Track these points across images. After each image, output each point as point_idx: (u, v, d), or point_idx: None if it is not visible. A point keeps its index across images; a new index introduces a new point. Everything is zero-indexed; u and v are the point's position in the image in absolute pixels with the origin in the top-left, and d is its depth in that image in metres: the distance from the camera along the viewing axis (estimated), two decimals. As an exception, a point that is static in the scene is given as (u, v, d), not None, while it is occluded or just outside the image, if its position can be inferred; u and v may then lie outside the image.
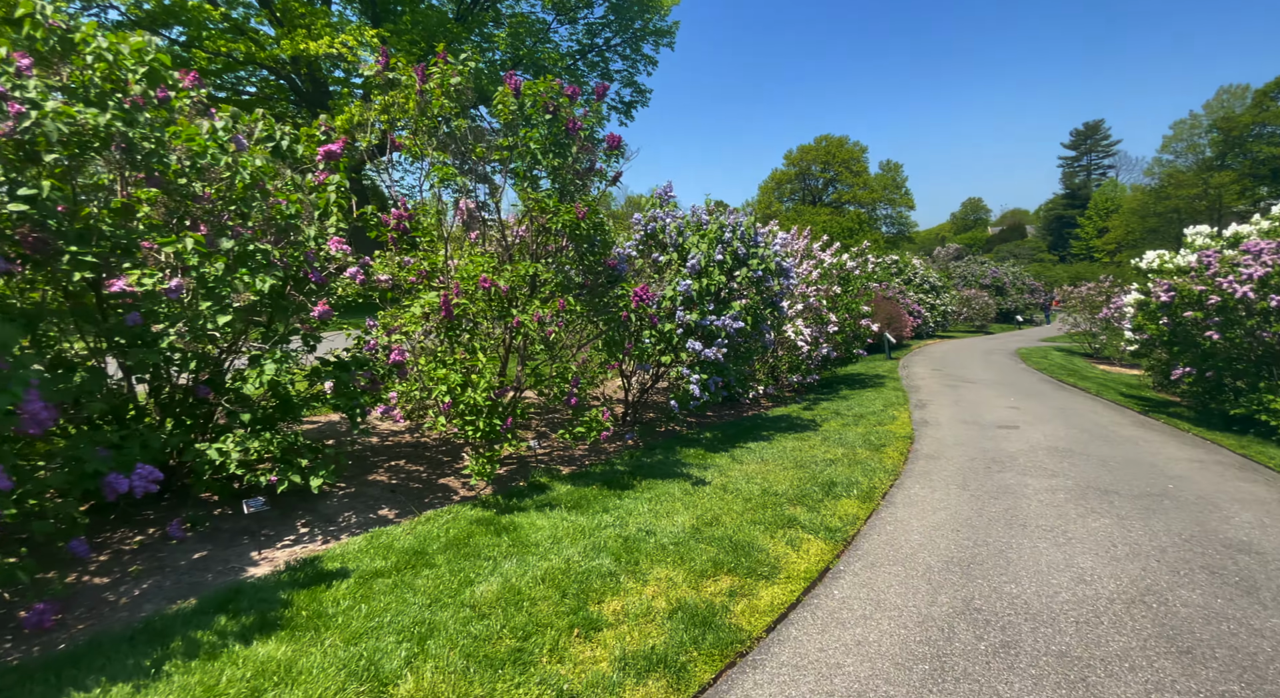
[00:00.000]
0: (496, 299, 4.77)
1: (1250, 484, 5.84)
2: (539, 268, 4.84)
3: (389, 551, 3.93)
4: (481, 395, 4.54)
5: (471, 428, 4.74)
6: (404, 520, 4.58)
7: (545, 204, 4.70)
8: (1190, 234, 10.56)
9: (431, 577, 3.57)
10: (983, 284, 42.03)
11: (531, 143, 4.68)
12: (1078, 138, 77.16)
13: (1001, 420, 8.98)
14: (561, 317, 4.70)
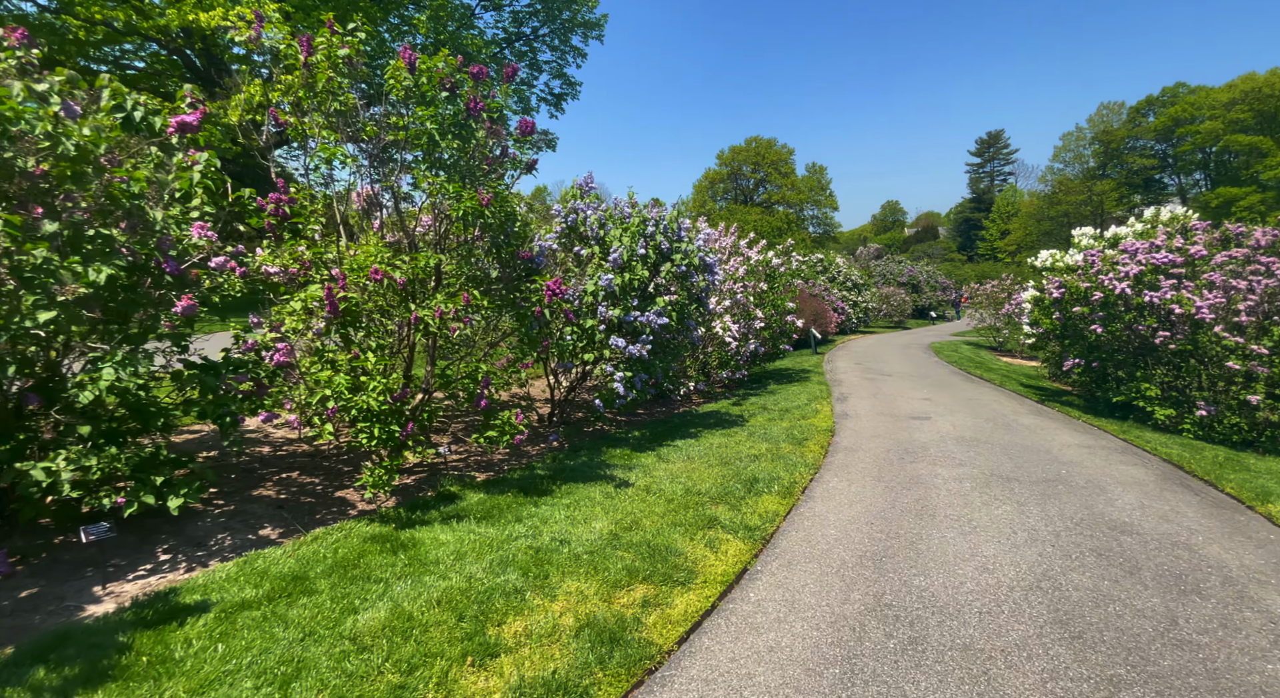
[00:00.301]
0: (394, 293, 4.37)
1: (1130, 467, 6.28)
2: (442, 259, 4.47)
3: (263, 577, 3.49)
4: (375, 399, 4.14)
5: (366, 436, 4.32)
6: (288, 541, 4.12)
7: (446, 190, 4.34)
8: (1077, 235, 11.42)
9: (309, 606, 3.18)
10: (900, 282, 44.37)
11: (428, 122, 4.30)
12: (982, 146, 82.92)
13: (915, 412, 9.35)
14: (468, 312, 4.36)
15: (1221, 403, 7.91)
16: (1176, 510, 4.91)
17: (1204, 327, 7.72)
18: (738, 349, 11.27)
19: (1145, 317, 8.33)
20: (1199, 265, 8.13)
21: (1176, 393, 8.39)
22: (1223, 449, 7.60)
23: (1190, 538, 4.33)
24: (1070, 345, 10.06)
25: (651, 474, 5.86)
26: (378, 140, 4.91)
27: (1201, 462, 6.54)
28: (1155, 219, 10.56)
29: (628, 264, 6.62)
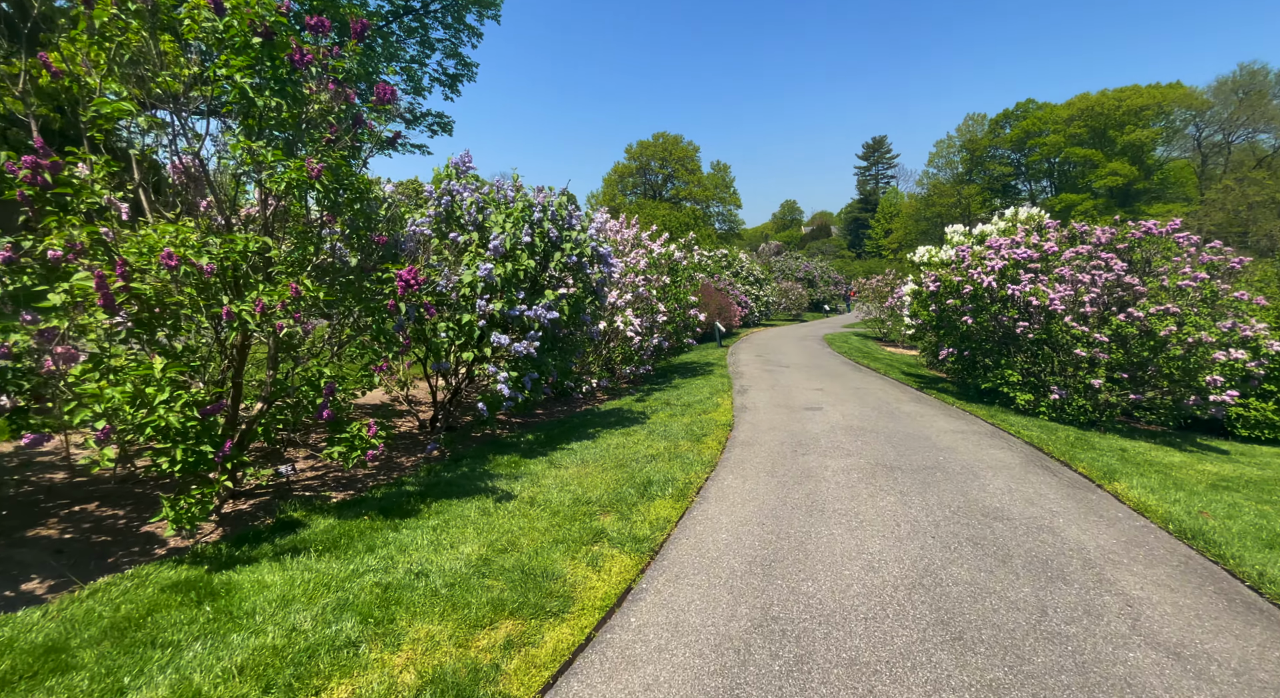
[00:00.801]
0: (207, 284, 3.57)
1: (999, 451, 6.63)
2: (269, 243, 3.70)
3: (4, 652, 2.66)
4: (176, 415, 3.34)
5: (166, 459, 3.50)
6: (59, 596, 3.24)
7: (263, 158, 3.58)
8: (950, 232, 12.19)
9: (60, 690, 2.42)
10: (797, 277, 46.52)
11: (237, 74, 3.51)
12: (868, 150, 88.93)
13: (810, 402, 9.51)
14: (299, 307, 3.64)
15: (1070, 387, 8.64)
16: (1040, 493, 5.15)
17: (1056, 317, 8.39)
18: (641, 344, 11.00)
19: (1008, 308, 8.95)
20: (1052, 261, 8.83)
21: (1034, 379, 9.09)
22: (1072, 430, 8.30)
23: (1053, 521, 4.51)
24: (944, 336, 10.68)
25: (539, 483, 5.38)
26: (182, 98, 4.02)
27: (1056, 443, 7.05)
28: (1014, 218, 11.47)
29: (511, 253, 6.06)
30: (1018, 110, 60.21)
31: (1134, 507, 4.82)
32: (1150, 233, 8.12)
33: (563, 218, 6.55)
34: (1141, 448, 7.54)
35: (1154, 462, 6.90)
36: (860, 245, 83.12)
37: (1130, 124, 49.96)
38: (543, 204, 6.36)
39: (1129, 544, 4.07)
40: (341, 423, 4.22)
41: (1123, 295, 8.05)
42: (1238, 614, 3.15)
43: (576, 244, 6.55)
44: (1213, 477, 6.55)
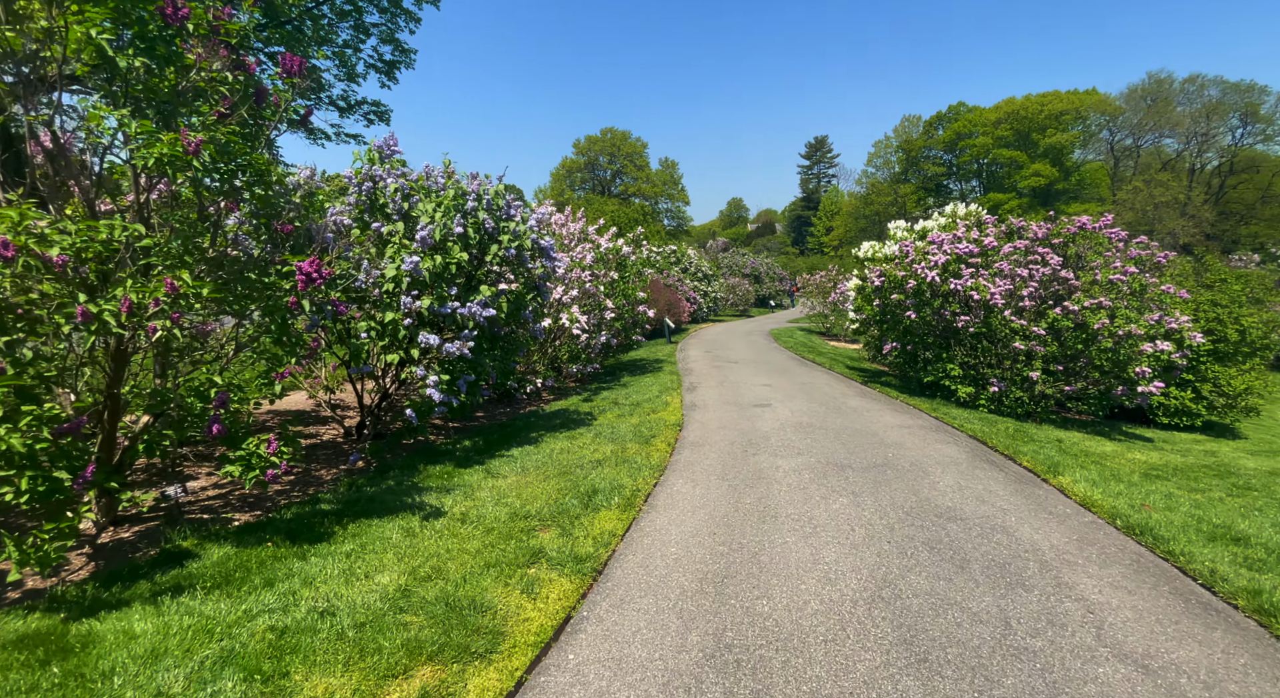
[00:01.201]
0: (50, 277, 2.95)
1: (945, 445, 6.62)
2: (139, 230, 3.11)
3: None
4: (16, 436, 2.74)
5: (9, 490, 2.88)
6: None
7: (126, 127, 2.99)
8: (892, 228, 12.35)
9: None
10: (744, 274, 47.05)
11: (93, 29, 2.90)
12: (810, 149, 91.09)
13: (758, 399, 9.37)
14: (177, 306, 3.07)
15: (1009, 380, 8.84)
16: (989, 490, 5.10)
17: (996, 311, 8.54)
18: (588, 342, 10.59)
19: (950, 302, 9.07)
20: (991, 256, 8.98)
21: (974, 372, 9.25)
22: (1011, 422, 8.47)
23: (1005, 519, 4.43)
24: (888, 330, 10.78)
25: (474, 496, 4.93)
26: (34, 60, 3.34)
27: (998, 436, 7.12)
28: (954, 214, 11.72)
29: (441, 245, 5.54)
30: (950, 112, 62.87)
31: (1080, 502, 4.82)
32: (1084, 228, 8.36)
33: (500, 208, 6.06)
34: (1076, 438, 7.75)
35: (1089, 452, 7.07)
36: (804, 242, 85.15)
37: (1051, 127, 53.00)
38: (477, 193, 5.86)
39: (1081, 543, 4.02)
40: (237, 438, 3.65)
41: (1058, 289, 8.26)
42: (1197, 617, 3.08)
43: (515, 236, 6.08)
44: (1143, 466, 6.75)
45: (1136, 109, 52.36)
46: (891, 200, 64.09)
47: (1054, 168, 53.67)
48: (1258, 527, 4.53)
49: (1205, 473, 6.75)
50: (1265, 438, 9.73)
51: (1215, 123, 49.70)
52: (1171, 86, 50.55)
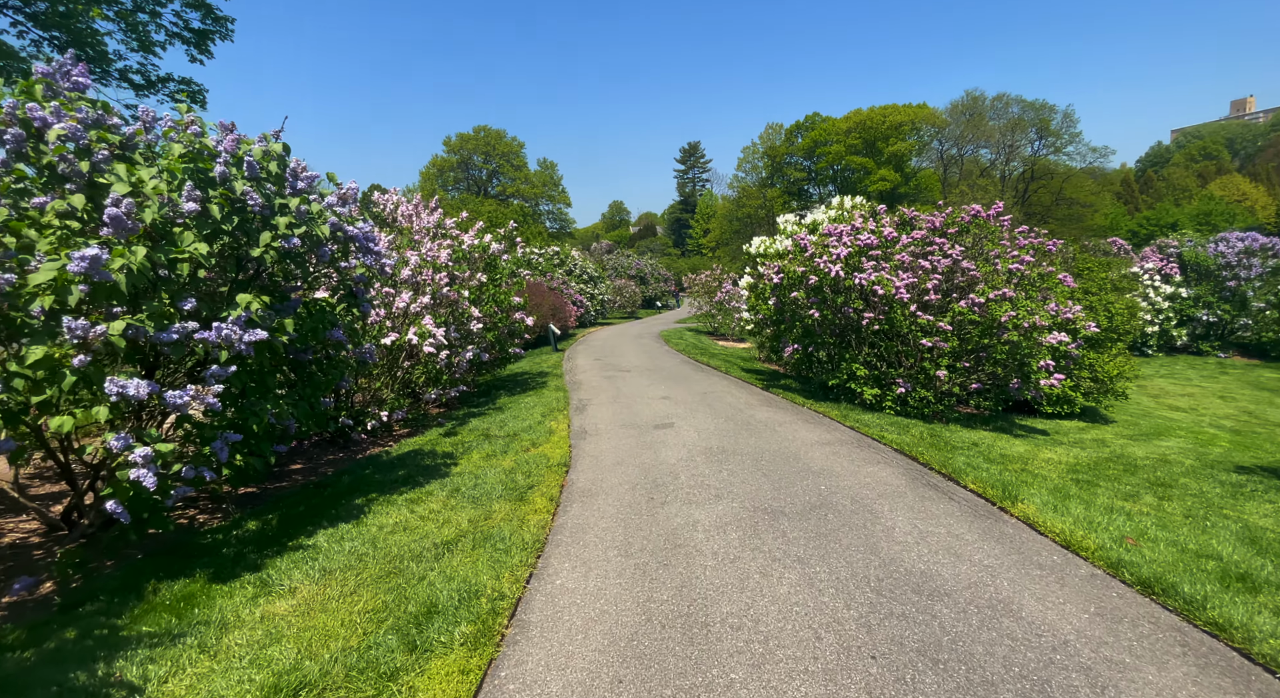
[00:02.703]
0: None
1: (876, 466, 5.58)
2: None
3: None
4: None
5: None
6: None
7: None
8: (781, 222, 11.59)
9: None
10: (630, 275, 46.28)
11: None
12: (685, 155, 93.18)
13: (658, 417, 7.95)
14: None
15: (915, 379, 8.20)
16: (954, 534, 4.00)
17: (901, 306, 7.83)
18: (450, 360, 8.55)
19: (853, 299, 8.27)
20: (891, 247, 8.30)
21: (879, 372, 8.55)
22: (920, 424, 7.80)
23: (998, 587, 3.30)
24: (786, 331, 9.90)
25: (221, 644, 2.92)
26: None
27: (921, 446, 6.27)
28: (841, 206, 11.16)
29: (165, 231, 3.41)
30: (806, 122, 66.86)
31: (1060, 541, 3.85)
32: (978, 217, 7.89)
33: (272, 176, 3.98)
34: (987, 439, 7.18)
35: (1008, 456, 6.45)
36: (684, 243, 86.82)
37: (893, 137, 58.02)
38: (232, 152, 3.76)
39: (1108, 621, 2.95)
40: None
41: (961, 281, 7.70)
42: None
43: (300, 218, 4.04)
44: (1063, 468, 6.21)
45: (958, 122, 58.89)
46: (761, 204, 66.80)
47: (897, 173, 58.86)
48: (1231, 548, 3.84)
49: (1116, 468, 6.35)
50: (1128, 419, 10.10)
51: (1018, 136, 57.24)
52: (984, 103, 57.44)
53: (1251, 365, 17.63)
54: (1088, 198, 52.77)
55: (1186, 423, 9.85)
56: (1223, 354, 18.64)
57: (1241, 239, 18.19)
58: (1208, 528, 4.31)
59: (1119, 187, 63.13)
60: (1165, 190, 60.81)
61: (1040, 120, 54.83)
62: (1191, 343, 19.13)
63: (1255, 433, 9.33)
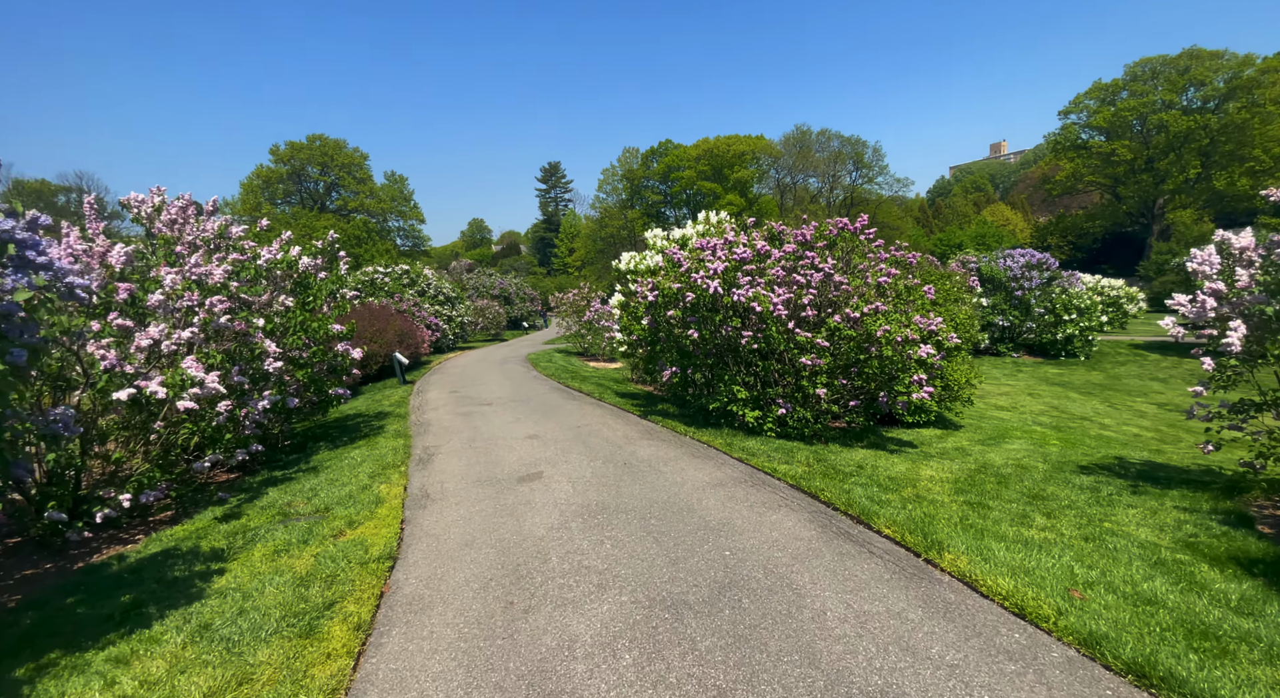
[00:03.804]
0: None
1: (782, 515, 4.74)
2: None
3: None
4: None
5: None
6: None
7: None
8: (650, 237, 10.84)
9: None
10: (493, 295, 43.75)
11: None
12: (546, 174, 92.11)
13: (523, 465, 6.54)
14: None
15: (794, 399, 7.71)
16: (898, 615, 3.17)
17: (779, 322, 7.29)
18: (233, 413, 6.36)
19: (731, 317, 7.60)
20: (764, 261, 7.78)
21: (758, 393, 7.96)
22: (801, 446, 7.29)
23: (978, 701, 2.46)
24: (663, 352, 9.05)
25: None
26: None
27: (814, 477, 5.62)
28: (707, 221, 10.68)
29: None
30: (660, 148, 69.35)
31: (1013, 609, 3.19)
32: (845, 229, 7.65)
33: None
34: (868, 459, 6.82)
35: (895, 479, 6.04)
36: (549, 262, 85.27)
37: (737, 164, 62.07)
38: None
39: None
40: None
41: (834, 296, 7.36)
42: None
43: None
44: (947, 487, 5.92)
45: (790, 153, 64.82)
46: (622, 224, 67.66)
47: (742, 198, 62.98)
48: (1157, 584, 3.49)
49: (990, 481, 6.22)
50: (971, 423, 10.68)
51: (839, 167, 64.42)
52: (811, 137, 63.88)
53: (1038, 363, 20.55)
54: (895, 222, 60.55)
55: (1016, 422, 10.62)
56: (1015, 355, 21.56)
57: (1024, 255, 21.31)
58: (1114, 554, 4.00)
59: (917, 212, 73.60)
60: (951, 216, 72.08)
61: (856, 153, 62.24)
62: (992, 345, 21.85)
63: (1070, 428, 10.29)
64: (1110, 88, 45.47)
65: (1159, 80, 42.78)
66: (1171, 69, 42.24)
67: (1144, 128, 44.04)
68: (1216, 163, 40.80)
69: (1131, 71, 44.44)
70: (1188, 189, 42.66)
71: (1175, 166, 42.15)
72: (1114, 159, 44.87)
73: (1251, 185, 39.15)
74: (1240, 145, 39.19)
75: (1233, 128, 39.24)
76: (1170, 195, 43.59)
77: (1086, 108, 47.07)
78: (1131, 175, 44.82)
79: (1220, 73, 40.38)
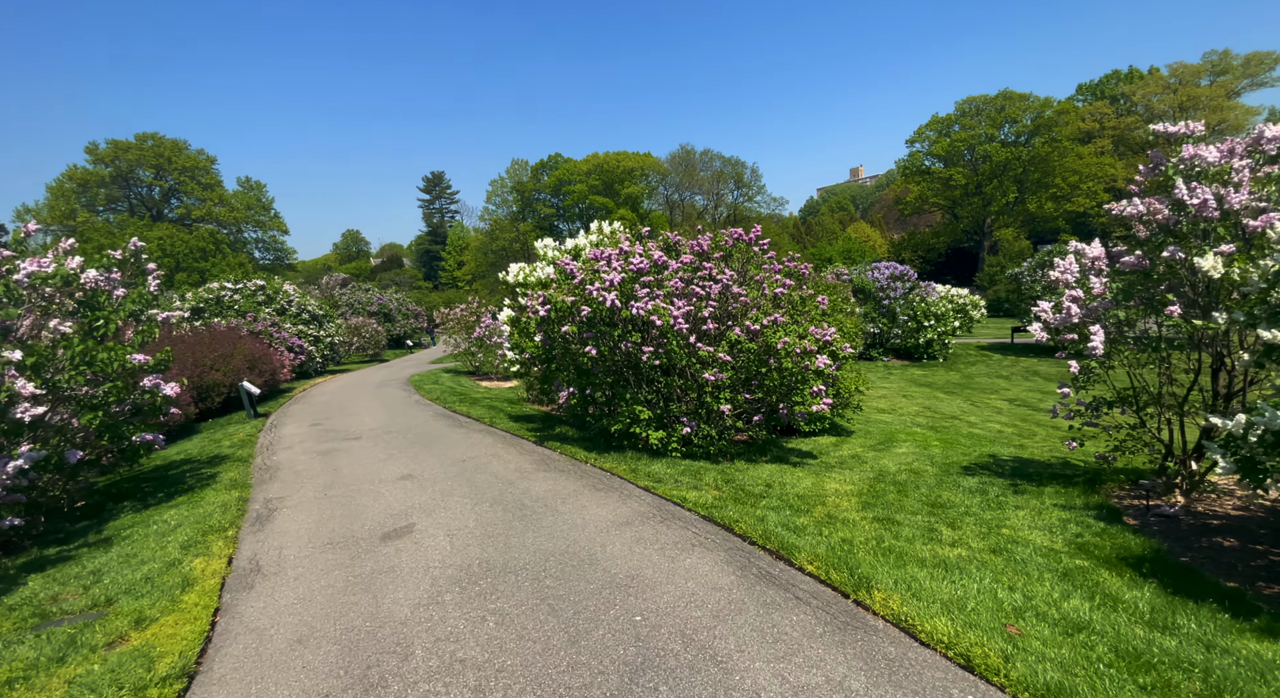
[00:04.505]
0: None
1: (694, 556, 4.18)
2: None
3: None
4: None
5: None
6: None
7: None
8: (541, 247, 10.06)
9: None
10: (371, 312, 40.17)
11: None
12: (429, 184, 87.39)
13: (391, 516, 5.45)
14: None
15: (698, 416, 7.30)
16: (839, 685, 2.68)
17: (680, 336, 6.85)
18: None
19: (631, 331, 7.03)
20: (662, 272, 7.33)
21: (661, 412, 7.47)
22: (708, 465, 6.89)
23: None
24: (558, 372, 8.29)
25: None
26: None
27: (725, 507, 5.18)
28: (600, 230, 10.12)
29: None
30: (550, 161, 68.51)
31: (959, 660, 2.82)
32: (740, 239, 7.41)
33: None
34: (774, 475, 6.55)
35: (804, 497, 5.79)
36: (437, 277, 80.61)
37: (628, 180, 62.85)
38: None
39: None
40: None
41: (734, 308, 7.06)
42: None
43: None
44: (853, 501, 5.75)
45: (677, 171, 66.90)
46: (515, 237, 65.71)
47: (634, 213, 63.82)
48: (1076, 602, 3.37)
49: (890, 491, 6.17)
50: (860, 428, 11.01)
51: (722, 185, 67.54)
52: (695, 156, 66.40)
53: (905, 366, 22.33)
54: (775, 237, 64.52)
55: (899, 425, 11.09)
56: (886, 359, 23.29)
57: (889, 268, 23.18)
58: (1024, 568, 3.90)
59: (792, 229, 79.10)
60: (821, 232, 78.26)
61: (736, 173, 65.64)
62: (866, 351, 23.41)
63: (945, 428, 10.93)
64: (945, 121, 51.92)
65: (982, 116, 49.57)
66: (991, 107, 49.13)
67: (973, 157, 50.72)
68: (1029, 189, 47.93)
69: (961, 107, 51.09)
70: (1009, 211, 49.66)
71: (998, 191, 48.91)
72: (951, 183, 51.14)
73: (1054, 208, 46.43)
74: (1045, 174, 46.36)
75: (1039, 159, 46.34)
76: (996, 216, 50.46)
77: (927, 138, 53.31)
78: (965, 198, 51.31)
79: (1027, 112, 47.64)
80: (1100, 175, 44.73)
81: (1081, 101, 51.93)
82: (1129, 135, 46.65)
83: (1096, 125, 47.75)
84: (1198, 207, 4.44)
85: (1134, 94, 47.31)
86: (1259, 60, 41.77)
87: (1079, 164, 45.14)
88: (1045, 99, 47.31)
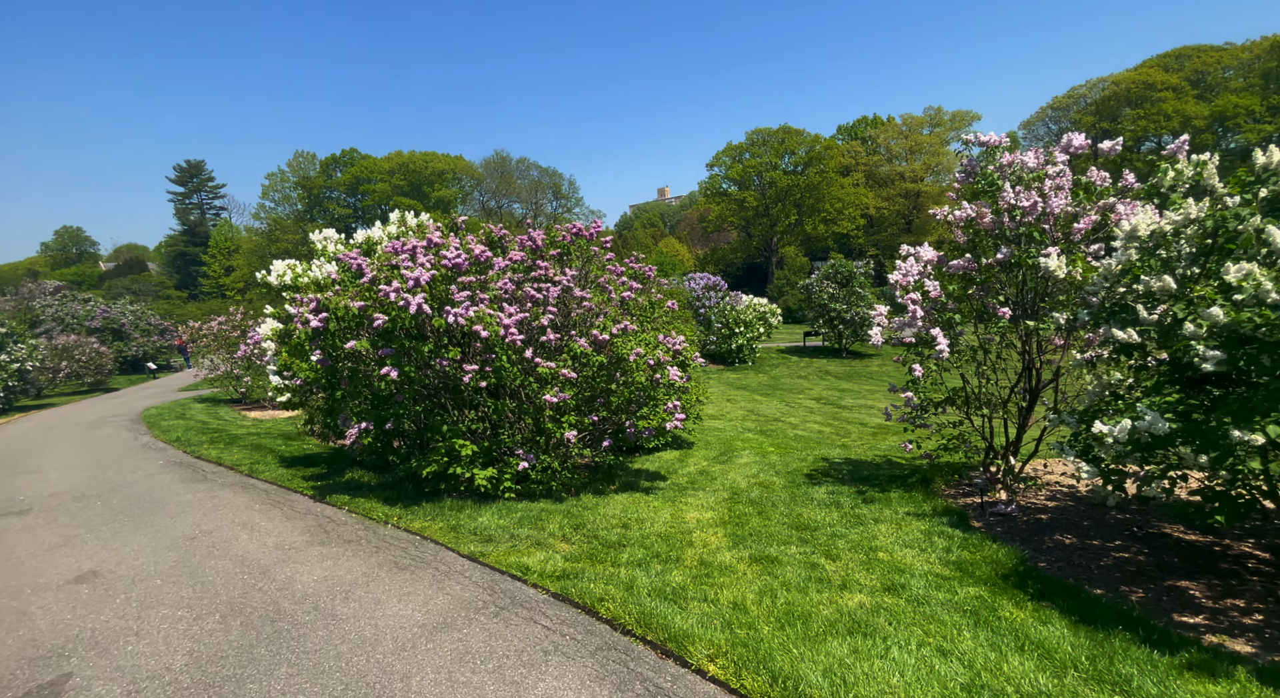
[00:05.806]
0: None
1: (555, 681, 2.87)
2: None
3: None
4: None
5: None
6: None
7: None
8: (318, 239, 7.73)
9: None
10: (92, 328, 30.52)
11: None
12: (183, 175, 70.97)
13: (35, 660, 3.12)
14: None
15: (537, 445, 5.96)
16: None
17: (514, 350, 5.44)
18: None
19: (448, 346, 5.41)
20: (487, 270, 5.84)
21: (489, 444, 5.96)
22: (550, 505, 5.62)
23: None
24: (347, 400, 6.23)
25: None
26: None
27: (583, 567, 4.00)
28: (402, 221, 8.17)
29: None
30: (344, 157, 60.38)
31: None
32: (580, 235, 6.28)
33: None
34: (626, 509, 5.54)
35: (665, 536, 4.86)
36: (196, 284, 65.35)
37: (438, 182, 58.13)
38: None
39: None
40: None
41: (577, 314, 5.88)
42: None
43: None
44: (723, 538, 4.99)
45: (493, 177, 63.89)
46: (300, 238, 56.21)
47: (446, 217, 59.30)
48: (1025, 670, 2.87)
49: (752, 516, 5.54)
50: (699, 439, 10.61)
51: (540, 195, 66.28)
52: (511, 164, 64.13)
53: (721, 370, 23.48)
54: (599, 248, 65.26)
55: (732, 432, 11.01)
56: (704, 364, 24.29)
57: (704, 279, 24.25)
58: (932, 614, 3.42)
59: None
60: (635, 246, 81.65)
61: (555, 184, 64.94)
62: (689, 356, 24.10)
63: (772, 431, 11.12)
64: (738, 149, 57.66)
65: (768, 146, 56.09)
66: (774, 139, 55.85)
67: (761, 182, 57.11)
68: (806, 212, 55.42)
69: (750, 137, 57.20)
70: (791, 231, 56.86)
71: (782, 213, 55.71)
72: (745, 205, 56.90)
73: (825, 230, 54.36)
74: (818, 200, 54.05)
75: (812, 187, 53.87)
76: (781, 235, 57.41)
77: (724, 163, 58.67)
78: (757, 218, 57.51)
79: (802, 145, 55.12)
80: (858, 203, 53.59)
81: (841, 140, 61.84)
82: (876, 171, 56.81)
83: (853, 161, 57.25)
84: (1026, 209, 4.49)
85: (878, 137, 57.76)
86: (962, 117, 54.05)
87: (842, 193, 53.53)
88: (815, 135, 55.23)
